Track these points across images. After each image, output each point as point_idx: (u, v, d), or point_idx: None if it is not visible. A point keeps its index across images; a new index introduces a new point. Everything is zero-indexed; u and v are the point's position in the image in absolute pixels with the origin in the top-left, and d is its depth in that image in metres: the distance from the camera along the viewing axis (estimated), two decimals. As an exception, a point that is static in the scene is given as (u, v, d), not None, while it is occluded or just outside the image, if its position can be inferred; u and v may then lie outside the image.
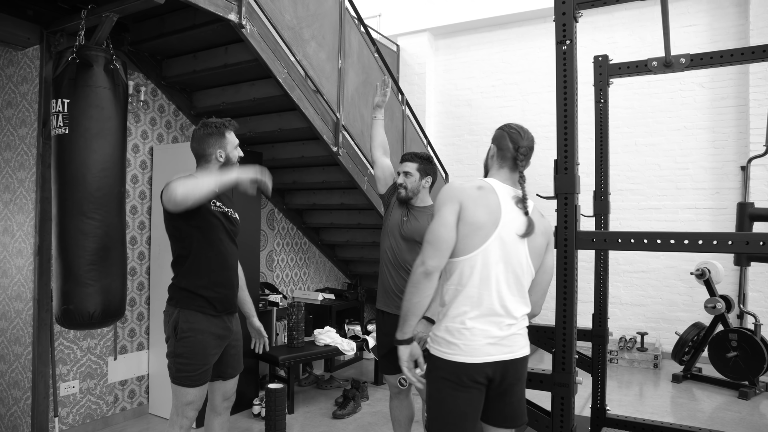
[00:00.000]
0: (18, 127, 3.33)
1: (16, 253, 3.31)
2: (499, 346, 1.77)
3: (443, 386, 1.77)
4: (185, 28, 3.23)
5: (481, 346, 1.75)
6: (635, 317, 5.94)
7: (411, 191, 2.80)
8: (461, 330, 1.75)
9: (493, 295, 1.76)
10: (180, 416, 2.26)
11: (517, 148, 1.89)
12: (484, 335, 1.75)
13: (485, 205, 1.76)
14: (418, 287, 1.75)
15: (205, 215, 2.26)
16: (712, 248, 1.79)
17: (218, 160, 2.34)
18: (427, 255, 1.74)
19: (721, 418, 3.98)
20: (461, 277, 1.76)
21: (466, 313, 1.76)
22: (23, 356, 3.23)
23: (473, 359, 1.74)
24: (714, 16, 5.66)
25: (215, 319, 2.29)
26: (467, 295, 1.75)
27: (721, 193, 5.58)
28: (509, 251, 1.77)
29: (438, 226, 1.75)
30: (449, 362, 1.75)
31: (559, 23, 2.00)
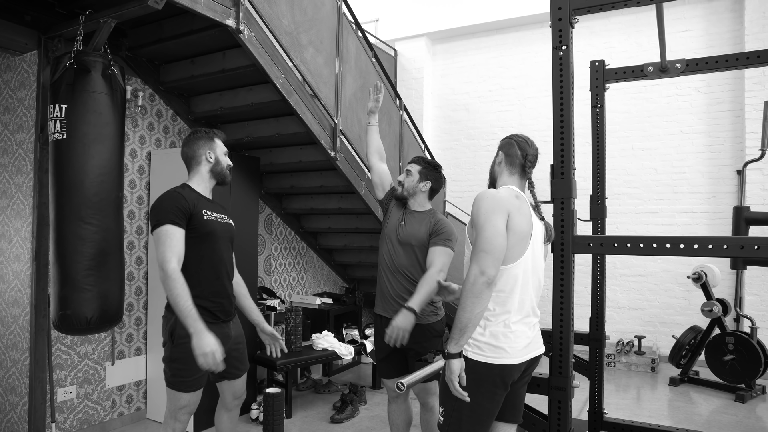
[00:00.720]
0: (15, 133, 3.34)
1: (14, 259, 3.30)
2: (532, 344, 1.92)
3: (485, 390, 1.83)
4: (183, 33, 3.24)
5: (523, 347, 1.87)
6: (632, 321, 5.95)
7: (407, 190, 2.81)
8: (506, 334, 1.84)
9: (528, 299, 1.90)
10: (173, 420, 2.30)
11: (525, 155, 1.98)
12: (524, 336, 1.88)
13: (524, 215, 1.86)
14: (480, 297, 1.74)
15: (201, 226, 2.29)
16: (707, 252, 1.80)
17: (208, 160, 2.40)
18: (487, 264, 1.74)
19: (718, 422, 3.98)
20: (507, 284, 1.84)
21: (510, 318, 1.85)
22: (20, 362, 3.22)
23: (517, 360, 1.85)
24: (710, 22, 5.69)
25: (212, 326, 2.28)
26: (513, 301, 1.85)
27: (718, 197, 5.60)
28: (536, 257, 1.91)
29: (494, 236, 1.76)
30: (495, 366, 1.83)
31: (555, 29, 2.01)
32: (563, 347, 1.98)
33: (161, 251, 2.14)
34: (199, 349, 2.07)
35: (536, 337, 1.96)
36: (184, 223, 2.23)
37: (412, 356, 2.65)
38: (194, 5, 2.68)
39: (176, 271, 2.12)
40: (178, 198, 2.25)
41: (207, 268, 2.32)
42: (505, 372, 1.83)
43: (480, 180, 6.84)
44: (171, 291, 2.11)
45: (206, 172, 2.40)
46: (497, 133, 6.79)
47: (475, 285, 1.74)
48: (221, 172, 2.44)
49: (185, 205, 2.24)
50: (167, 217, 2.18)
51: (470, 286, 1.75)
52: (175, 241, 2.16)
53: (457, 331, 1.77)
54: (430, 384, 2.76)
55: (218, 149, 2.43)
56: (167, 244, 2.14)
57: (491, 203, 1.80)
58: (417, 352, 2.58)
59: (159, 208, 2.22)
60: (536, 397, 2.09)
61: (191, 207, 2.26)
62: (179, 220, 2.20)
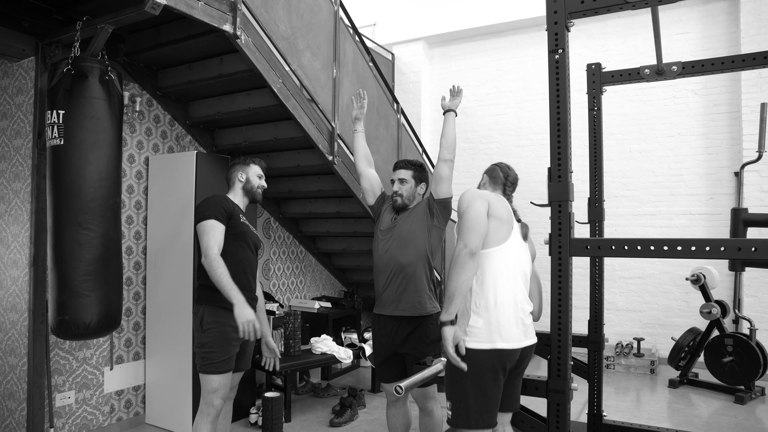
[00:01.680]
0: (13, 138, 3.34)
1: (11, 264, 3.30)
2: (526, 332, 2.07)
3: (487, 377, 1.96)
4: (180, 38, 3.25)
5: (517, 333, 2.02)
6: (631, 323, 5.95)
7: (407, 198, 2.82)
8: (500, 321, 1.99)
9: (519, 288, 2.08)
10: (208, 405, 2.51)
11: (506, 176, 2.31)
12: (519, 323, 2.03)
13: (504, 206, 2.13)
14: (465, 267, 1.93)
15: (238, 225, 2.63)
16: (704, 254, 1.80)
17: (239, 180, 2.78)
18: (469, 238, 1.96)
19: (718, 423, 3.98)
20: (497, 270, 2.03)
21: (503, 305, 2.01)
22: (18, 367, 3.22)
23: (513, 345, 2.00)
24: (706, 24, 5.72)
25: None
26: (504, 288, 2.02)
27: (716, 199, 5.61)
28: (520, 250, 2.13)
29: (475, 215, 2.00)
30: (493, 351, 1.98)
31: (551, 32, 2.02)
32: (561, 350, 1.98)
33: (206, 240, 2.47)
34: (240, 317, 2.37)
35: (530, 326, 2.11)
36: (226, 221, 2.56)
37: (411, 360, 2.65)
38: (191, 11, 2.68)
39: (218, 256, 2.45)
40: (223, 200, 2.63)
41: (237, 263, 2.59)
42: (504, 357, 1.98)
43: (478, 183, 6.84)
44: (215, 271, 2.41)
45: (239, 189, 2.78)
46: (495, 136, 6.80)
47: (459, 256, 1.95)
48: (251, 190, 2.79)
49: (228, 206, 2.61)
50: (213, 213, 2.52)
51: (455, 257, 1.95)
52: (217, 233, 2.50)
53: (447, 300, 1.96)
54: (429, 388, 2.76)
55: (251, 172, 2.79)
56: (211, 235, 2.47)
57: (473, 194, 2.09)
58: (414, 357, 2.59)
59: (207, 205, 2.57)
60: (535, 399, 2.09)
61: (231, 209, 2.62)
62: (222, 217, 2.54)
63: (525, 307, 2.10)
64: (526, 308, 2.10)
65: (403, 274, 2.72)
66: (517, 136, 6.65)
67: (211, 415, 2.52)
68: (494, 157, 6.76)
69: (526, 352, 2.09)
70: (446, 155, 2.73)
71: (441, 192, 2.75)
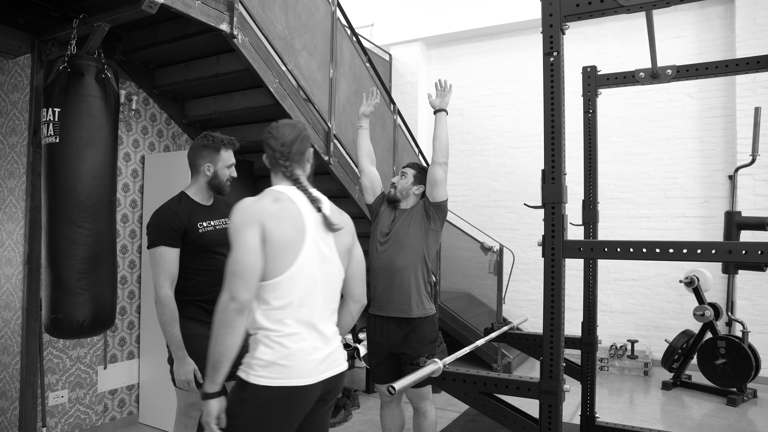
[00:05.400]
0: (8, 136, 3.33)
1: (5, 262, 3.29)
2: (328, 362, 1.70)
3: (272, 418, 1.60)
4: (177, 37, 3.25)
5: (315, 365, 1.65)
6: (626, 325, 5.97)
7: (400, 192, 2.85)
8: (294, 351, 1.61)
9: (317, 309, 1.69)
10: (185, 416, 2.38)
11: (273, 150, 1.78)
12: (317, 353, 1.66)
13: (287, 219, 1.65)
14: (232, 327, 1.55)
15: (199, 237, 2.34)
16: (696, 257, 1.81)
17: (206, 174, 2.40)
18: (236, 288, 1.55)
19: (710, 425, 4.00)
20: (283, 298, 1.62)
21: (296, 333, 1.63)
22: (11, 366, 3.21)
23: (309, 380, 1.63)
24: (701, 28, 5.75)
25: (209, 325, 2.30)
26: (296, 314, 1.64)
27: (710, 202, 5.64)
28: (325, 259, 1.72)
29: (244, 254, 1.57)
30: (283, 388, 1.59)
31: (546, 35, 2.03)
32: (554, 351, 1.99)
33: (155, 273, 2.24)
34: (178, 375, 2.23)
35: (333, 354, 1.73)
36: (179, 242, 2.28)
37: (406, 361, 2.66)
38: (188, 9, 2.69)
39: (167, 296, 2.21)
40: (172, 216, 2.28)
41: (204, 278, 2.35)
42: (296, 395, 1.61)
43: (474, 184, 6.87)
44: (160, 316, 2.22)
45: (204, 182, 2.41)
46: (491, 137, 6.81)
47: (224, 313, 1.55)
48: (218, 186, 2.42)
49: (179, 223, 2.28)
50: (162, 238, 2.24)
51: (220, 314, 1.56)
52: (169, 263, 2.24)
53: (211, 368, 1.59)
54: (423, 389, 2.77)
55: (220, 162, 2.39)
56: (161, 267, 2.23)
57: (241, 217, 1.61)
58: (410, 357, 2.60)
59: (155, 227, 2.27)
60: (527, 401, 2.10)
61: (185, 223, 2.30)
62: (173, 240, 2.25)
63: (326, 331, 1.72)
64: (327, 332, 1.72)
65: (400, 275, 2.74)
66: (514, 137, 6.67)
67: (189, 426, 2.37)
68: (490, 159, 6.79)
69: (331, 385, 1.73)
70: (440, 158, 2.73)
71: (437, 195, 2.76)
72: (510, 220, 6.64)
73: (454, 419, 4.03)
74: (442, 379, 2.16)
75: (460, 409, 4.19)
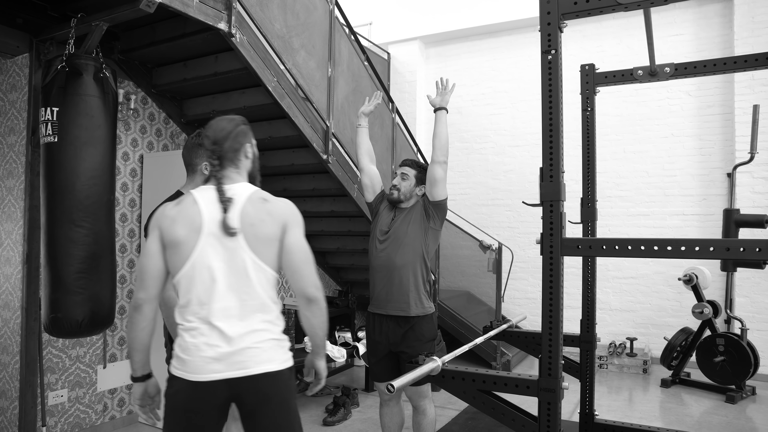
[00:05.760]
0: (7, 135, 3.33)
1: (5, 262, 3.29)
2: (229, 362, 1.65)
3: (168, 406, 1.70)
4: (175, 36, 3.25)
5: (208, 362, 1.65)
6: (625, 323, 5.98)
7: (403, 194, 2.84)
8: (189, 345, 1.67)
9: (217, 307, 1.67)
10: None
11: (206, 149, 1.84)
12: (211, 350, 1.65)
13: (183, 218, 1.70)
14: (132, 322, 1.70)
15: None
16: (694, 254, 1.82)
17: (203, 172, 2.32)
18: (135, 288, 1.73)
19: (709, 422, 4.01)
20: (184, 295, 1.70)
21: (195, 329, 1.68)
22: (11, 365, 3.21)
23: (200, 377, 1.65)
24: (700, 26, 5.75)
25: None
26: (194, 310, 1.68)
27: (708, 200, 5.65)
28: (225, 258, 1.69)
29: (141, 257, 1.75)
30: (177, 379, 1.68)
31: (544, 33, 2.03)
32: (552, 349, 1.99)
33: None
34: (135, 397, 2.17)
35: (237, 355, 1.66)
36: None
37: (405, 359, 2.66)
38: (186, 9, 2.68)
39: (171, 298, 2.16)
40: None
41: None
42: (191, 389, 1.65)
43: (472, 183, 6.87)
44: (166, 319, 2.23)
45: (201, 181, 2.29)
46: (490, 136, 6.81)
47: (130, 308, 1.74)
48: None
49: None
50: None
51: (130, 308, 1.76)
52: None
53: (129, 356, 1.78)
54: (423, 387, 2.78)
55: None
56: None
57: (149, 222, 1.78)
58: (409, 355, 2.60)
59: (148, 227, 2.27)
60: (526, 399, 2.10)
61: None
62: None
63: (230, 330, 1.67)
64: (231, 330, 1.67)
65: (399, 274, 2.74)
66: (512, 135, 6.67)
67: None
68: (489, 157, 6.79)
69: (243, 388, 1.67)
70: (439, 157, 2.73)
71: (436, 194, 2.76)
72: (509, 218, 6.65)
73: (454, 417, 4.04)
74: (441, 377, 2.17)
75: (460, 407, 4.19)
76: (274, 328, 1.77)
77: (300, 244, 1.80)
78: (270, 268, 1.77)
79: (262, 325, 1.73)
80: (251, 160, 1.89)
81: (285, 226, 1.78)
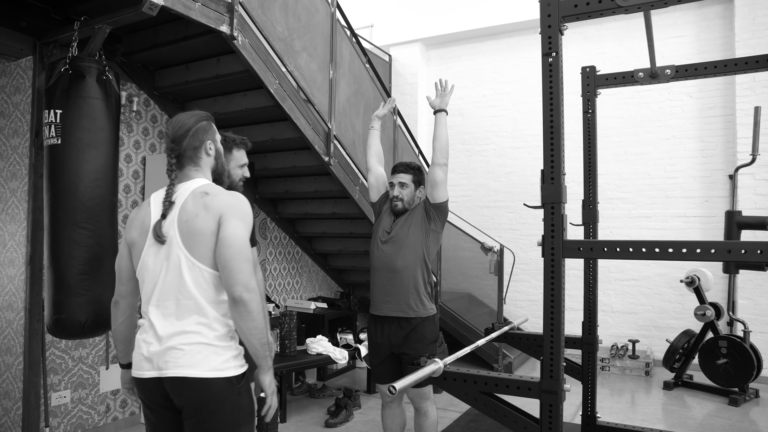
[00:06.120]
0: (10, 137, 3.34)
1: (8, 263, 3.30)
2: (154, 361, 1.62)
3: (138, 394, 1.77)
4: (178, 39, 3.26)
5: (140, 361, 1.66)
6: (627, 325, 5.97)
7: (407, 203, 2.84)
8: (136, 340, 1.72)
9: (154, 309, 1.67)
10: None
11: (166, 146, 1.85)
12: (145, 349, 1.65)
13: (137, 220, 1.76)
14: (112, 316, 1.83)
15: None
16: (695, 256, 1.82)
17: None
18: (116, 285, 1.83)
19: (712, 425, 4.00)
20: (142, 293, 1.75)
21: (141, 327, 1.72)
22: (14, 366, 3.22)
23: (136, 373, 1.67)
24: (701, 28, 5.75)
25: None
26: (144, 309, 1.72)
27: (710, 202, 5.64)
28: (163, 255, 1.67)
29: (116, 258, 1.84)
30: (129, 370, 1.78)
31: (544, 35, 2.03)
32: (554, 351, 1.99)
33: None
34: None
35: (165, 354, 1.60)
36: None
37: (407, 360, 2.67)
38: (188, 12, 2.70)
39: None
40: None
41: None
42: (136, 384, 1.71)
43: (474, 185, 6.88)
44: None
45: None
46: (491, 138, 6.82)
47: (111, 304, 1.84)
48: (231, 186, 2.34)
49: None
50: None
51: None
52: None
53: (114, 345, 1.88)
54: (425, 389, 2.78)
55: (233, 162, 2.37)
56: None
57: None
58: (411, 357, 2.60)
59: None
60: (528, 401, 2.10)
61: None
62: None
63: (164, 329, 1.63)
64: (165, 330, 1.63)
65: (400, 276, 2.74)
66: (514, 137, 6.68)
67: None
68: (490, 159, 6.80)
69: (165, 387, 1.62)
70: (440, 159, 2.74)
71: (437, 197, 2.76)
72: (510, 220, 6.65)
73: (456, 419, 4.04)
74: (442, 379, 2.17)
75: (462, 409, 4.19)
76: (209, 332, 1.63)
77: (233, 237, 1.62)
78: (206, 266, 1.64)
79: (195, 327, 1.62)
80: (213, 157, 1.84)
81: (221, 218, 1.65)
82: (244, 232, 1.65)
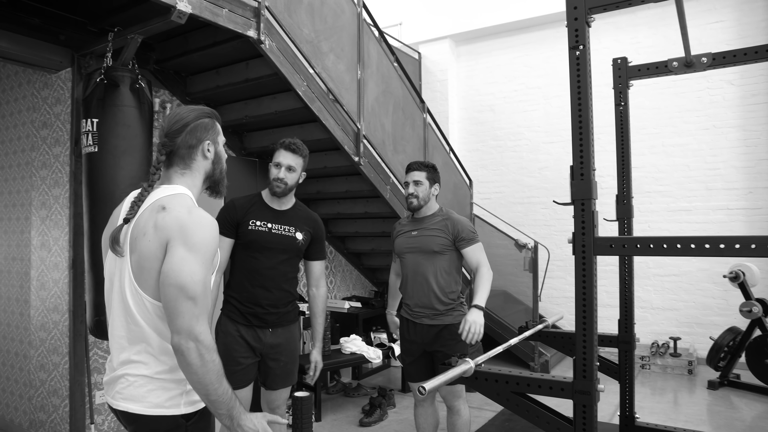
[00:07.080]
0: (53, 147, 3.48)
1: (53, 267, 3.44)
2: (109, 390, 1.44)
3: None
4: (207, 45, 3.33)
5: (105, 386, 1.47)
6: (667, 322, 5.79)
7: (422, 200, 2.83)
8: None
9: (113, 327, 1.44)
10: None
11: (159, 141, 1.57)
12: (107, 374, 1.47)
13: (109, 223, 1.52)
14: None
15: (246, 233, 2.44)
16: (734, 252, 1.75)
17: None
18: None
19: (762, 428, 3.84)
20: None
21: None
22: (61, 365, 3.35)
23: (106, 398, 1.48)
24: (742, 11, 5.52)
25: (244, 327, 2.46)
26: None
27: (755, 193, 5.42)
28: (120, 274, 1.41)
29: None
30: None
31: (571, 28, 1.99)
32: (587, 350, 1.95)
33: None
34: None
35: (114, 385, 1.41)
36: (231, 233, 2.43)
37: (440, 358, 2.66)
38: (216, 18, 2.75)
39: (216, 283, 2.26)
40: (229, 208, 2.49)
41: (241, 275, 2.48)
42: None
43: (507, 181, 6.79)
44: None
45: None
46: (524, 133, 6.72)
47: None
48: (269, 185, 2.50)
49: (233, 215, 2.45)
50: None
51: None
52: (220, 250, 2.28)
53: None
54: (457, 387, 2.76)
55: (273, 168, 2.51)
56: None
57: None
58: (444, 354, 2.60)
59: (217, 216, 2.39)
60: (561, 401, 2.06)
61: (239, 216, 2.45)
62: (225, 230, 2.34)
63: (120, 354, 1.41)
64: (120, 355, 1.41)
65: (426, 282, 2.77)
66: (546, 132, 6.56)
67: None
68: (523, 155, 6.70)
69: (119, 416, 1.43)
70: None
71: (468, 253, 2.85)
72: (545, 216, 6.54)
73: (491, 419, 4.00)
74: (474, 378, 2.15)
75: (496, 408, 4.15)
76: (155, 365, 1.38)
77: (176, 273, 1.30)
78: (149, 297, 1.37)
79: (141, 357, 1.39)
80: (211, 161, 1.56)
81: (168, 243, 1.33)
82: (194, 264, 1.32)
